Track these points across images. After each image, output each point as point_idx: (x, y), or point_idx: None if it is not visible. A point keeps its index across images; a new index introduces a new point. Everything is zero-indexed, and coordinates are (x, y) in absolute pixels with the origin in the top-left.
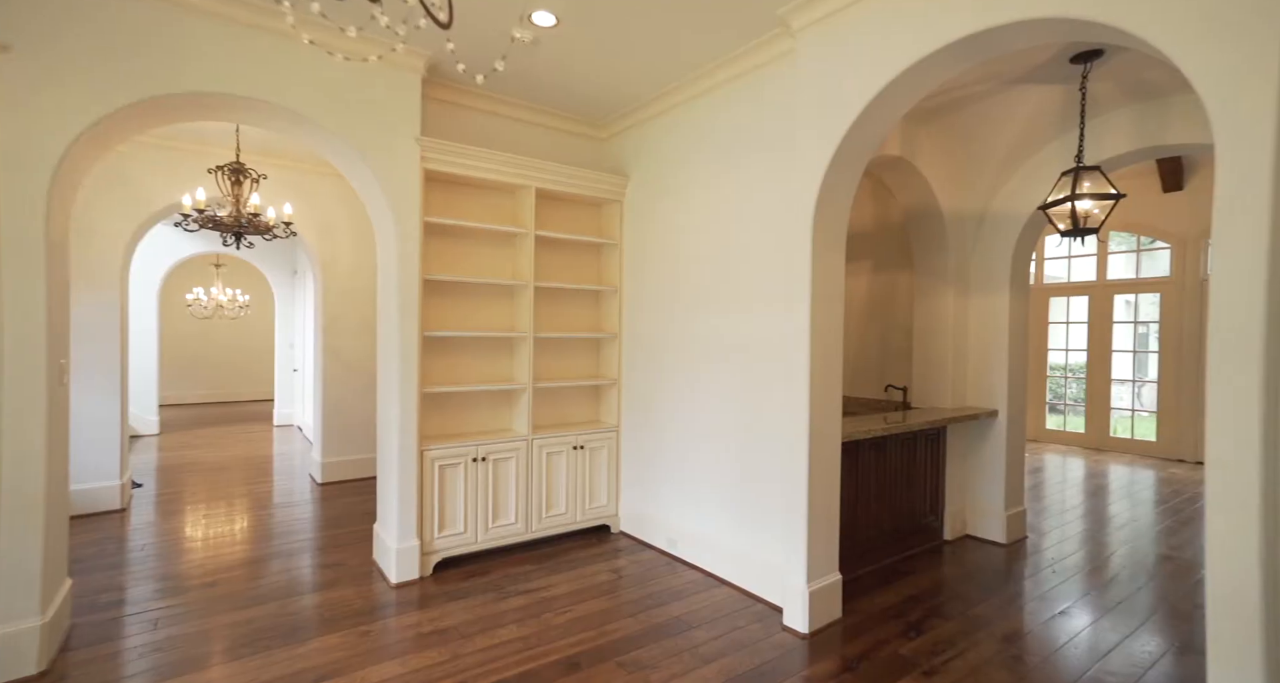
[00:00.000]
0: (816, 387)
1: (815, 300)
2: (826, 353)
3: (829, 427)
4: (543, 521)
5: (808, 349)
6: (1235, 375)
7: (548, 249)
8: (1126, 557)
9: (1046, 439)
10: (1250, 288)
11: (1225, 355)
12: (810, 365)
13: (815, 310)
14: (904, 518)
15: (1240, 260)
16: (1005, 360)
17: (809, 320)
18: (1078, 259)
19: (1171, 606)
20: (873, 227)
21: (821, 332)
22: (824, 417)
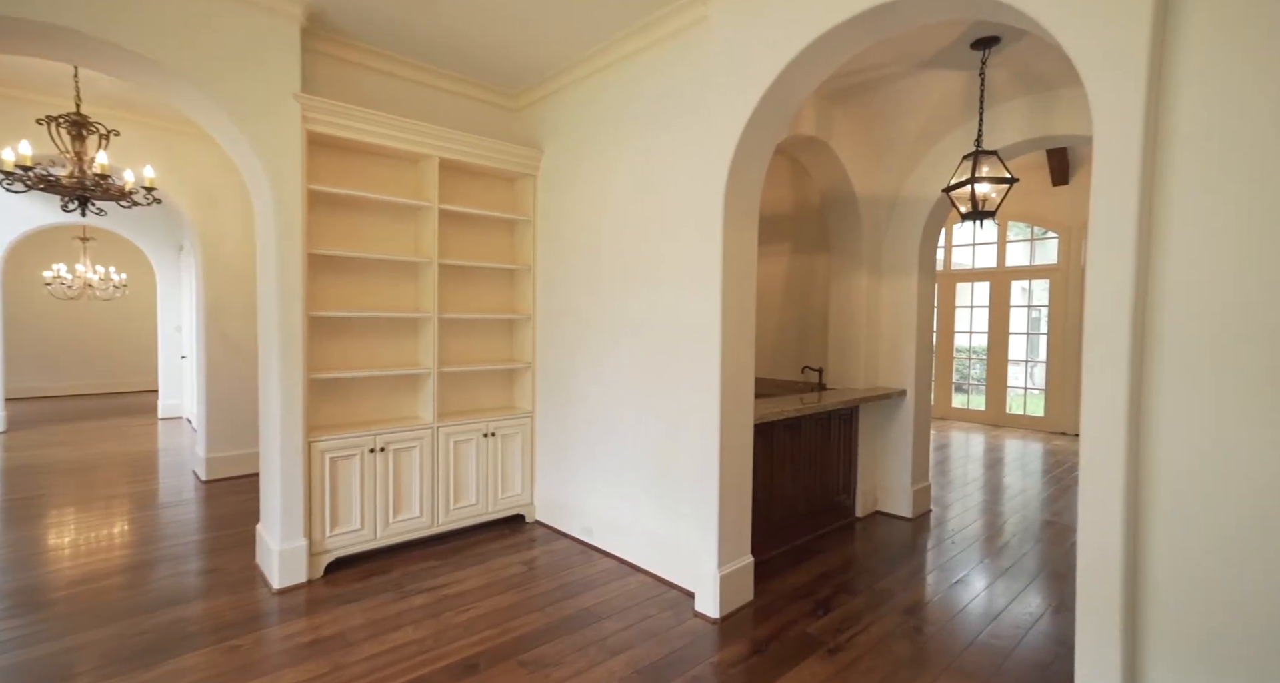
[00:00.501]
0: (728, 368)
1: (726, 278)
2: (738, 333)
3: (740, 409)
4: (450, 513)
5: (718, 328)
6: (1105, 357)
7: (456, 225)
8: (1016, 524)
9: (953, 417)
10: (1119, 268)
11: (1096, 337)
12: (721, 346)
13: (726, 288)
14: (818, 497)
15: (1111, 229)
16: (913, 342)
17: (720, 298)
18: (981, 247)
19: (1051, 568)
20: (792, 209)
21: (733, 310)
22: (735, 399)
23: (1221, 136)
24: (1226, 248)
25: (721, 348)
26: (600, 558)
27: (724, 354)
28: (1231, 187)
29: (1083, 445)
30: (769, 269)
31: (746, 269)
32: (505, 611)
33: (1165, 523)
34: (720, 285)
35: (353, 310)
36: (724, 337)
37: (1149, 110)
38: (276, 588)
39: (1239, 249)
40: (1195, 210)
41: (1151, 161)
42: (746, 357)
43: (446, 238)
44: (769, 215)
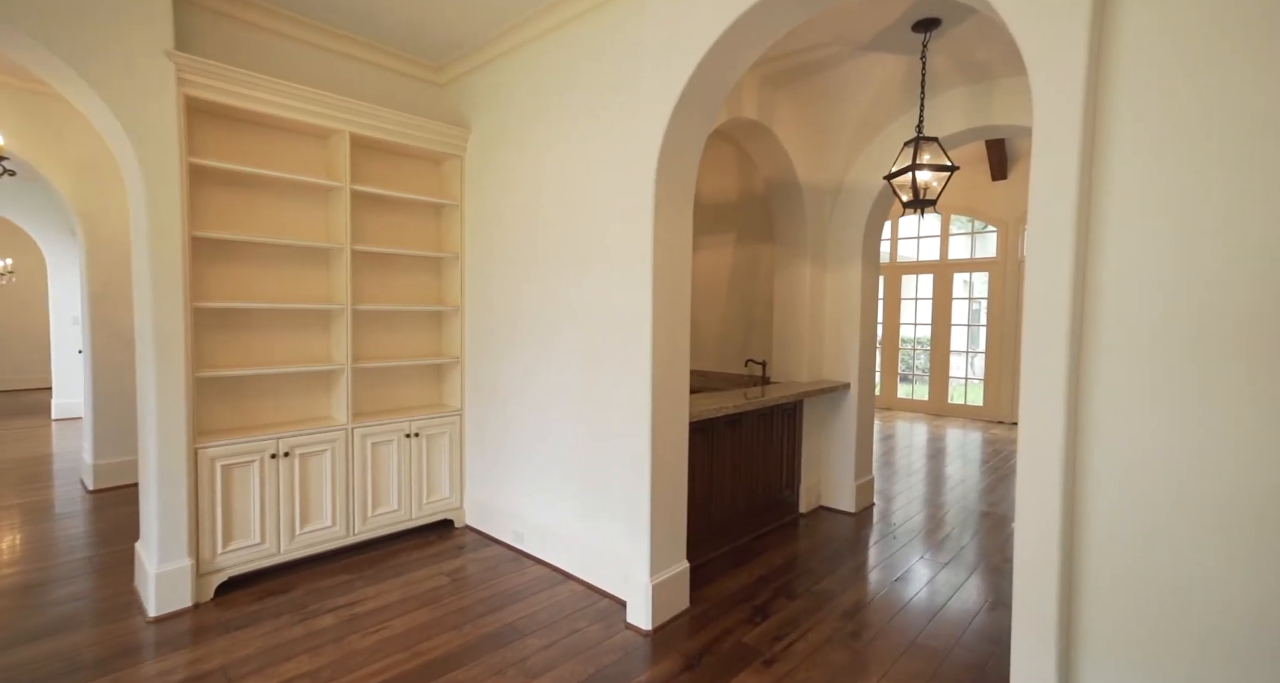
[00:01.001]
0: (660, 362)
1: (658, 266)
2: (672, 325)
3: (675, 406)
4: (369, 521)
5: (649, 320)
6: (1043, 350)
7: (375, 208)
8: (956, 516)
9: (898, 407)
10: (1058, 257)
11: (1035, 329)
12: (653, 339)
13: (658, 277)
14: (761, 495)
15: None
16: (857, 334)
17: (651, 288)
18: (925, 240)
19: (988, 561)
20: (737, 198)
21: (666, 301)
22: (669, 396)
23: (1159, 126)
24: (1164, 237)
25: (653, 341)
26: (531, 566)
27: (655, 348)
28: (1167, 175)
29: (1021, 443)
30: (714, 259)
31: (680, 257)
32: (419, 630)
33: (1105, 519)
34: (651, 275)
35: (251, 301)
36: (655, 329)
37: (1089, 93)
38: (152, 616)
39: (1176, 239)
40: (1133, 199)
41: (1090, 148)
42: (681, 351)
43: (364, 223)
44: (713, 204)
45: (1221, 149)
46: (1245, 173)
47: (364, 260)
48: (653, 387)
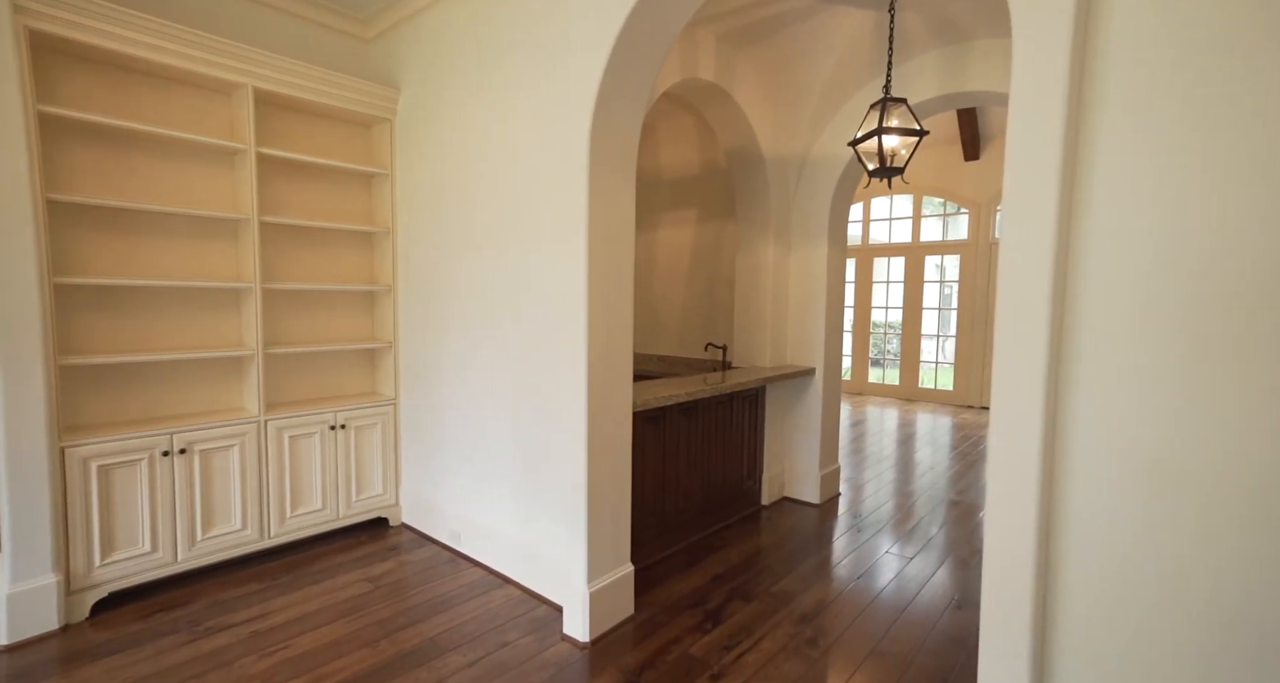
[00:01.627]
0: (598, 346)
1: (595, 238)
2: (611, 304)
3: (615, 395)
4: (287, 523)
5: (584, 298)
6: (1019, 337)
7: (296, 176)
8: (924, 506)
9: (869, 392)
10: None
11: (1011, 316)
12: (588, 320)
13: (595, 250)
14: (719, 487)
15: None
16: (822, 317)
17: (585, 262)
18: (897, 222)
19: (955, 554)
20: (699, 172)
21: (603, 278)
22: (608, 383)
23: (1148, 92)
24: (1153, 213)
25: (588, 322)
26: (468, 568)
27: (591, 330)
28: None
29: (994, 431)
30: (675, 238)
31: (620, 226)
32: (327, 648)
33: (1086, 512)
34: (585, 247)
35: (140, 278)
36: (592, 309)
37: (1076, 46)
38: (5, 644)
39: (1167, 214)
40: (1123, 169)
41: (1076, 115)
42: (622, 332)
43: (282, 192)
44: (674, 179)
45: (1219, 115)
46: (1243, 144)
47: (282, 234)
48: (588, 373)
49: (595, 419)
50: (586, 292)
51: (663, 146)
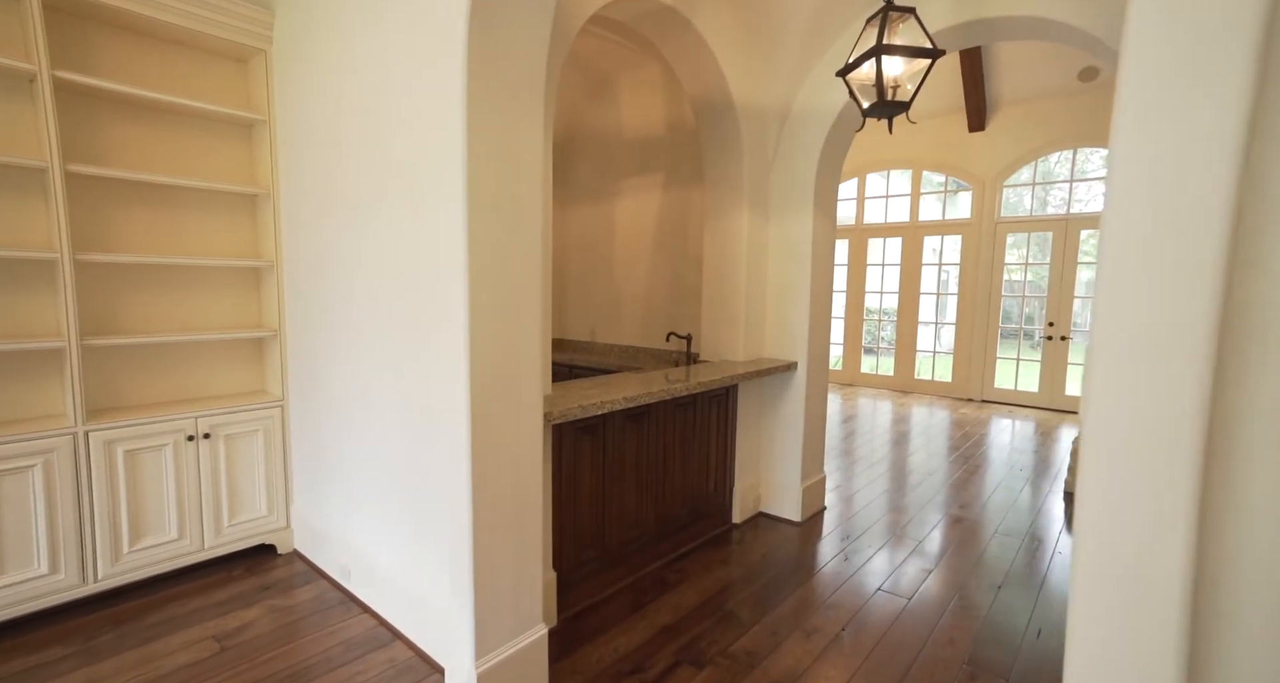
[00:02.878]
0: (484, 341)
1: (476, 190)
2: (506, 287)
3: (516, 403)
4: (123, 560)
5: (464, 280)
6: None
7: (142, 119)
8: (921, 525)
9: (861, 383)
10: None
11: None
12: (470, 307)
13: (477, 212)
14: (679, 506)
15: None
16: (806, 301)
17: (464, 228)
18: (894, 199)
19: (963, 598)
20: (665, 131)
21: (493, 249)
22: (504, 387)
23: None
24: None
25: (470, 310)
26: (357, 616)
27: (475, 320)
28: None
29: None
30: (637, 208)
31: (519, 185)
32: None
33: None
34: (465, 209)
35: None
36: (474, 293)
37: None
38: None
39: None
40: None
41: None
42: (524, 324)
43: (122, 138)
44: (636, 139)
45: None
46: None
47: (114, 191)
48: (471, 369)
49: (483, 435)
50: (466, 269)
51: (625, 101)
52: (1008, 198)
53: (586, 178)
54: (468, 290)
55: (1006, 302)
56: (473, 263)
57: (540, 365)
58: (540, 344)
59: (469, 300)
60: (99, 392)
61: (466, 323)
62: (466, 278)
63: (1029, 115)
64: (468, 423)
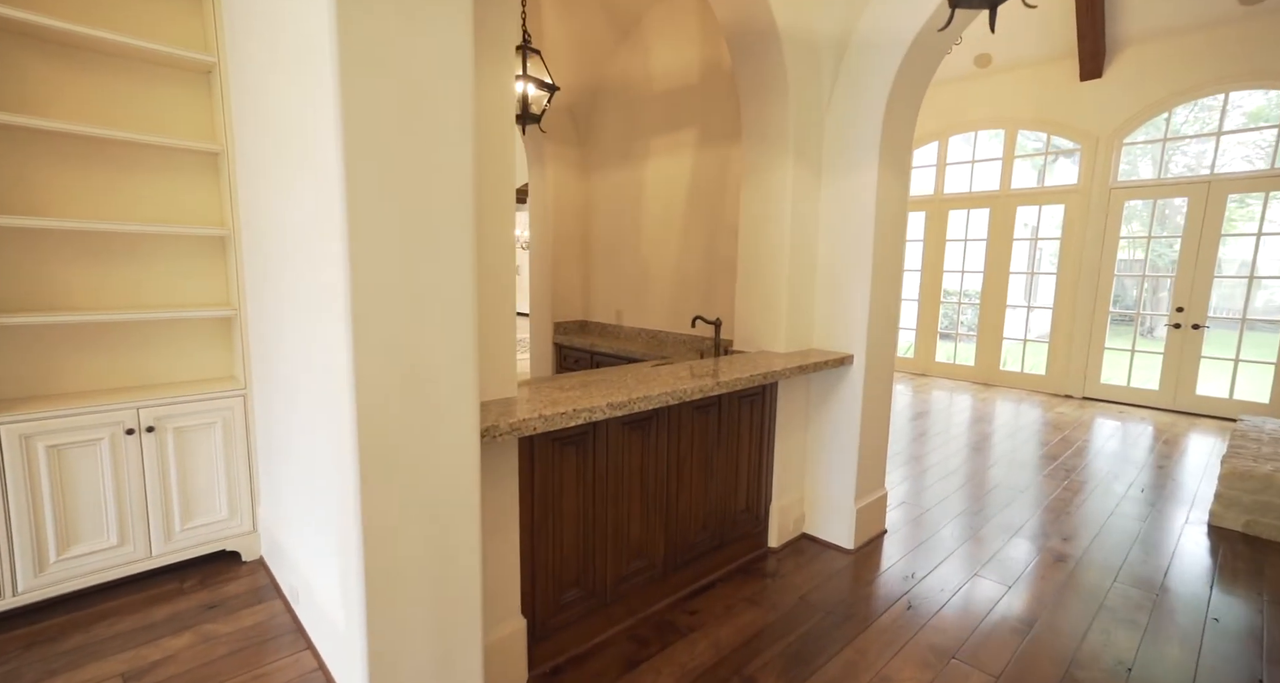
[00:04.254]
0: (372, 329)
1: (355, 117)
2: (410, 255)
3: (435, 414)
4: (50, 569)
5: (343, 237)
6: None
7: (82, 65)
8: (1009, 562)
9: (936, 373)
10: None
11: None
12: (351, 281)
13: (357, 144)
14: (695, 529)
15: None
16: (867, 280)
17: (340, 168)
18: (982, 165)
19: (1075, 679)
20: (699, 79)
21: (381, 198)
22: (410, 396)
23: None
24: None
25: (351, 283)
26: (300, 651)
27: (358, 297)
28: None
29: None
30: (667, 171)
31: (432, 111)
32: None
33: None
34: (339, 137)
35: None
36: (356, 256)
37: None
38: None
39: None
40: None
41: None
42: (446, 306)
43: (61, 83)
44: (666, 91)
45: None
46: None
47: (40, 144)
48: (356, 380)
49: (380, 467)
50: (345, 232)
51: (654, 45)
52: (1125, 158)
53: (612, 138)
54: (348, 263)
55: (1120, 282)
56: (353, 223)
57: (474, 366)
58: (476, 338)
59: (350, 279)
60: (18, 378)
61: (348, 311)
62: (346, 245)
63: (1162, 55)
64: (355, 450)
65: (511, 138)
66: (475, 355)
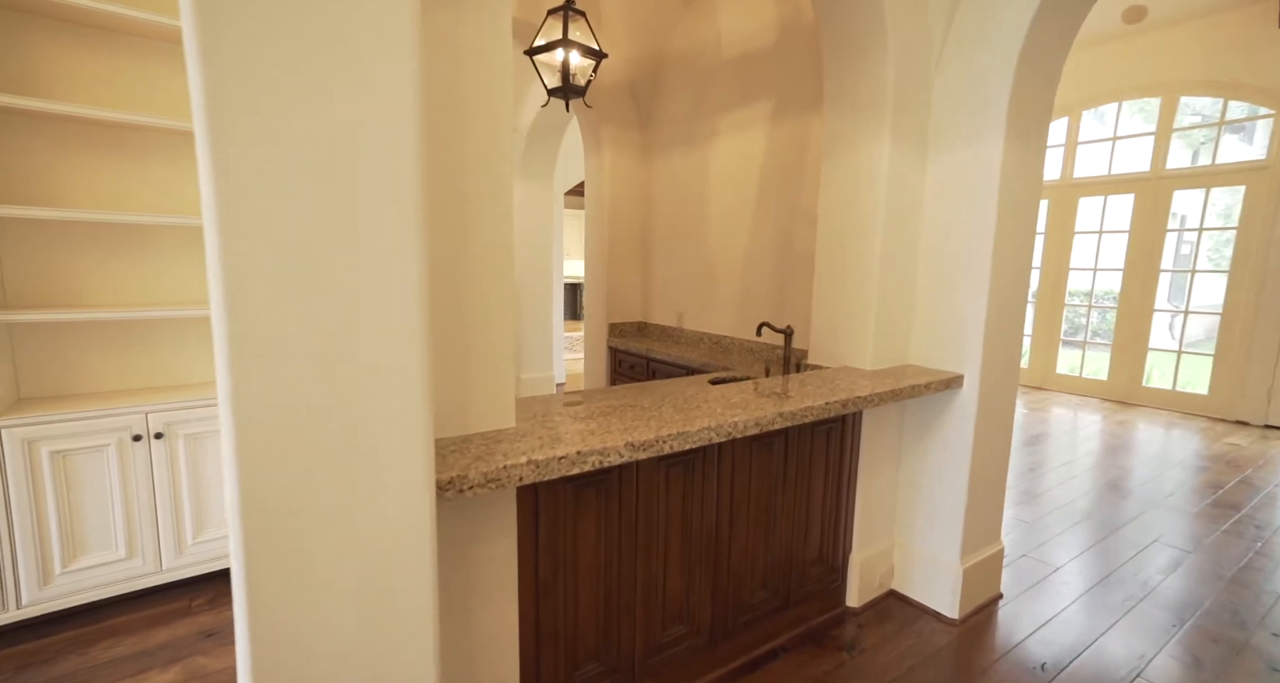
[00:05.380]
0: (253, 343)
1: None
2: (309, 245)
3: (372, 464)
4: (53, 583)
5: (214, 226)
6: None
7: (91, 44)
8: (1193, 663)
9: (1055, 386)
10: None
11: None
12: (223, 268)
13: (223, 101)
14: (753, 587)
15: None
16: (986, 282)
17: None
18: (1126, 142)
19: None
20: (775, 36)
21: (263, 168)
22: (321, 436)
23: None
24: None
25: (222, 270)
26: None
27: (233, 299)
28: None
29: None
30: (738, 151)
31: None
32: None
33: None
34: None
35: None
36: (227, 245)
37: None
38: None
39: None
40: None
41: None
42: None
43: (72, 65)
44: (738, 57)
45: None
46: None
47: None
48: (234, 411)
49: (270, 523)
50: (216, 222)
51: (722, 4)
52: None
53: (677, 116)
54: (218, 255)
55: None
56: (222, 205)
57: (421, 398)
58: (426, 360)
59: (223, 278)
60: (28, 379)
61: (224, 322)
62: (217, 234)
63: None
64: (236, 513)
65: (508, 124)
66: (424, 384)
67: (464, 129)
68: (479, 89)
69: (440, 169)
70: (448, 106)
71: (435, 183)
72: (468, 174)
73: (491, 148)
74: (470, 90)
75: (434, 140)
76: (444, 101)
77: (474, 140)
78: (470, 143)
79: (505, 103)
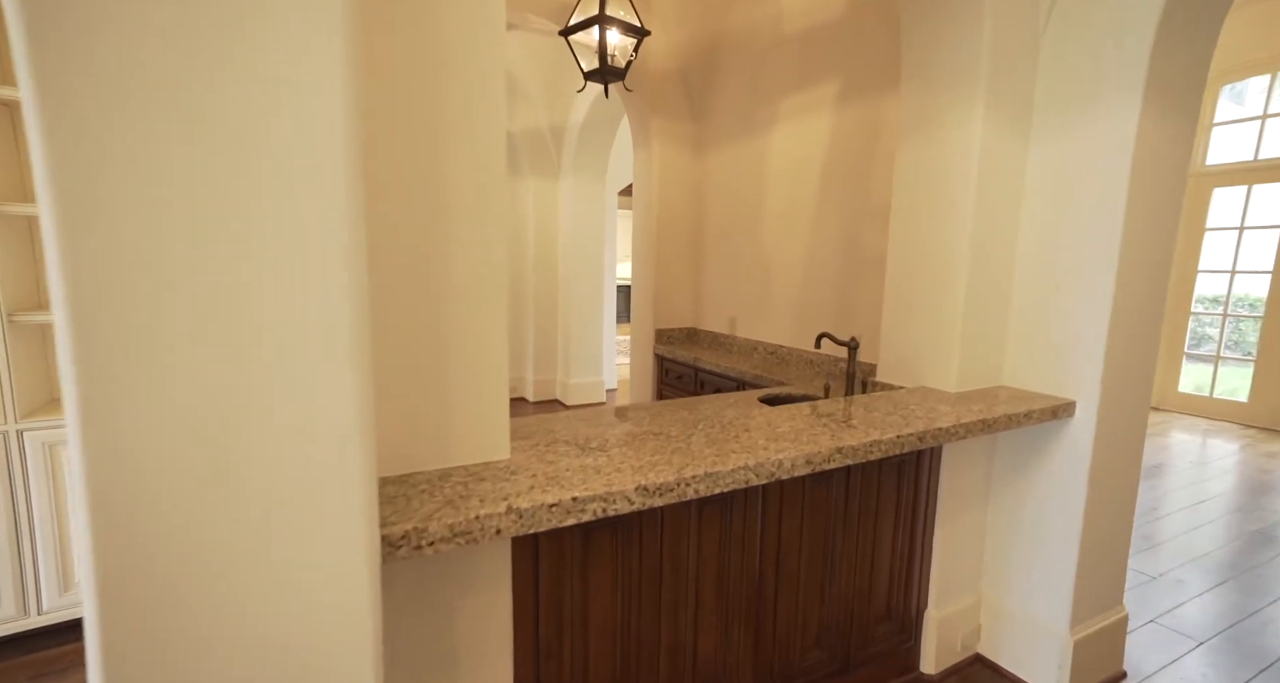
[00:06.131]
0: (119, 350)
1: None
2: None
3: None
4: (74, 590)
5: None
6: None
7: None
8: None
9: (1177, 406)
10: None
11: None
12: (63, 273)
13: None
14: (803, 646)
15: None
16: (1109, 288)
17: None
18: (1278, 121)
19: None
20: (844, 9)
21: (111, 122)
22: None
23: None
24: None
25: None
26: None
27: (74, 302)
28: None
29: None
30: (797, 139)
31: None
32: None
33: None
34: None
35: None
36: (63, 220)
37: None
38: None
39: None
40: None
41: None
42: (298, 313)
43: None
44: (802, 31)
45: None
46: None
47: None
48: (84, 464)
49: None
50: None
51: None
52: None
53: (731, 104)
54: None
55: None
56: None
57: (357, 425)
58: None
59: (61, 269)
60: (31, 383)
61: (67, 331)
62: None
63: None
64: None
65: (502, 109)
66: (356, 415)
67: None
68: (460, 67)
69: (407, 176)
70: (418, 106)
71: (402, 195)
72: (447, 180)
73: (475, 153)
74: (449, 82)
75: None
76: (409, 100)
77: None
78: (453, 154)
79: (494, 100)
